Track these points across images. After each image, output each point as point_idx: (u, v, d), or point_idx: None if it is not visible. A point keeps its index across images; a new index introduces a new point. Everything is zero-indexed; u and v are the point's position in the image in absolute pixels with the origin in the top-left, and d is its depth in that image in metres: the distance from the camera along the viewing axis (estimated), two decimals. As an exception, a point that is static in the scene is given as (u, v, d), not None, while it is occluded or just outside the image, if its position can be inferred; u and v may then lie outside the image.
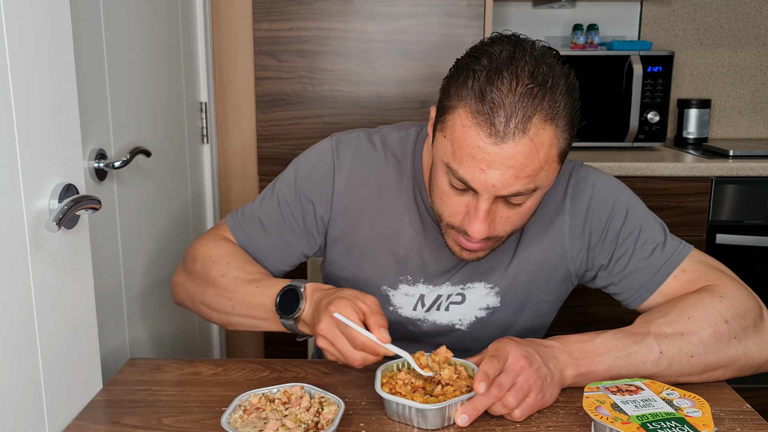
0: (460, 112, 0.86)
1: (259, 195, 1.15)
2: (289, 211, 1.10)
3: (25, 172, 0.79)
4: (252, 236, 1.12)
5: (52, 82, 0.85)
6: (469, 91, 0.85)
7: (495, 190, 0.87)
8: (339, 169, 1.08)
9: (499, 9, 2.58)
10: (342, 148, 1.09)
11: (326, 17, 2.00)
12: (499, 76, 0.84)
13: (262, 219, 1.12)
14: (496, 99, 0.83)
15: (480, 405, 0.83)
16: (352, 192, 1.08)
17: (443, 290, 1.09)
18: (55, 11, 0.86)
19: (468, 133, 0.85)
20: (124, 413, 0.89)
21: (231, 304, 1.04)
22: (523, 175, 0.86)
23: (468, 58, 0.89)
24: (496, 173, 0.85)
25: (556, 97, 0.85)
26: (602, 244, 1.05)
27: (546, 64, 0.86)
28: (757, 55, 2.66)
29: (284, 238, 1.11)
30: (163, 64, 1.52)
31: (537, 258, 1.07)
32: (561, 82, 0.86)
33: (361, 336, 0.86)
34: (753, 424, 0.86)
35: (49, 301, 0.84)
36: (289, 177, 1.11)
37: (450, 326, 1.11)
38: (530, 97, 0.83)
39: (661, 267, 1.02)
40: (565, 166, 1.07)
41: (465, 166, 0.87)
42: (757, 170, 2.10)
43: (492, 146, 0.84)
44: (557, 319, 1.19)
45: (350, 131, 1.12)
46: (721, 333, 0.94)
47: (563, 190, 1.06)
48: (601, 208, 1.05)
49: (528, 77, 0.84)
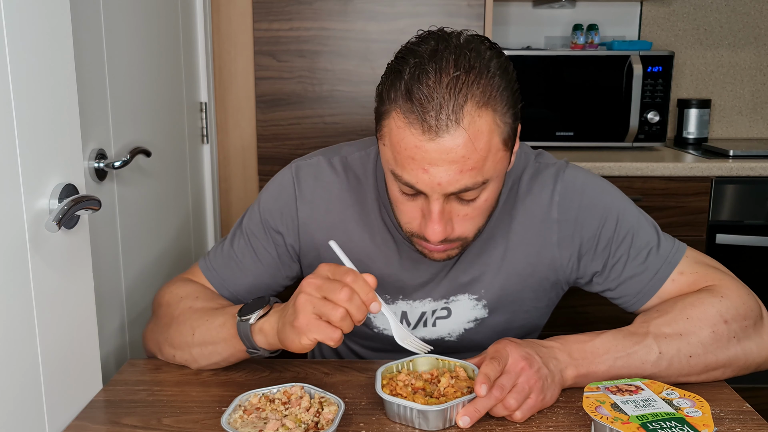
0: (392, 115, 0.85)
1: (227, 236, 1.12)
2: (260, 245, 1.08)
3: (25, 172, 0.79)
4: (227, 276, 1.09)
5: (52, 82, 0.85)
6: (397, 93, 0.84)
7: (442, 188, 0.84)
8: (300, 197, 1.06)
9: (499, 9, 2.58)
10: (302, 176, 1.06)
11: (326, 17, 2.00)
12: (424, 71, 0.82)
13: (235, 258, 1.09)
14: (423, 94, 0.81)
15: (482, 407, 0.83)
16: (317, 220, 1.06)
17: (426, 306, 1.07)
18: (55, 11, 0.86)
19: (403, 135, 0.84)
20: (124, 413, 0.89)
21: (192, 332, 0.98)
22: (467, 168, 0.83)
23: (395, 60, 0.87)
24: (439, 170, 0.83)
25: (488, 81, 0.83)
26: (594, 251, 1.03)
27: (472, 50, 0.83)
28: (757, 55, 2.66)
29: (260, 275, 1.08)
30: (163, 64, 1.52)
31: (525, 269, 1.04)
32: (491, 66, 0.84)
33: (348, 278, 0.80)
34: (753, 424, 0.86)
35: (49, 301, 0.84)
36: (254, 213, 1.09)
37: (440, 339, 1.09)
38: (458, 85, 0.81)
39: (658, 271, 1.01)
40: (548, 170, 1.04)
41: (407, 169, 0.85)
42: (757, 170, 2.10)
43: (428, 143, 0.82)
44: (556, 320, 1.19)
45: (310, 156, 1.09)
46: (721, 333, 0.94)
47: (549, 197, 1.03)
48: (591, 216, 1.02)
49: (452, 66, 0.82)
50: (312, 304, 0.80)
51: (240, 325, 0.91)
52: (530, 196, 1.03)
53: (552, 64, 2.29)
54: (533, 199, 1.03)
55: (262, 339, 0.91)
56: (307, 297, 0.81)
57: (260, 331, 0.90)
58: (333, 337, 0.80)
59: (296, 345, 0.83)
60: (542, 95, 2.32)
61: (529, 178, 1.04)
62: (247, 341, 0.92)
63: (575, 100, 2.32)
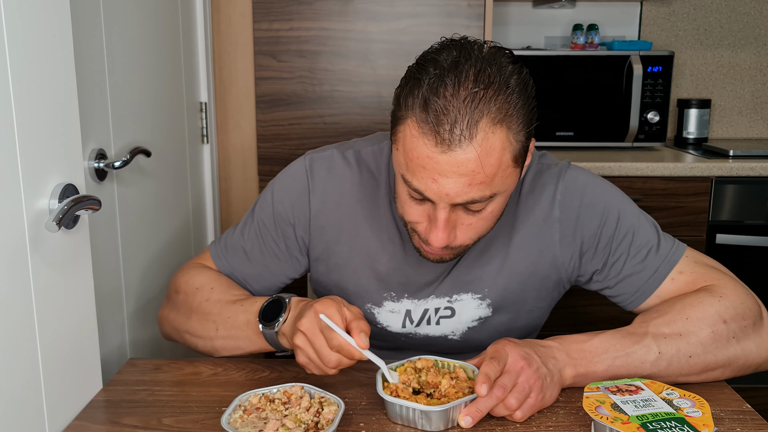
0: (408, 122, 0.85)
1: (240, 222, 1.13)
2: (270, 237, 1.09)
3: (25, 172, 0.79)
4: (236, 266, 1.11)
5: (52, 82, 0.85)
6: (414, 101, 0.84)
7: (449, 198, 0.85)
8: (313, 190, 1.06)
9: (499, 9, 2.58)
10: (315, 168, 1.07)
11: (326, 17, 2.00)
12: (442, 83, 0.82)
13: (245, 248, 1.10)
14: (439, 107, 0.81)
15: (483, 407, 0.83)
16: (328, 212, 1.06)
17: (429, 303, 1.08)
18: (55, 11, 0.86)
19: (416, 144, 0.84)
20: (124, 413, 0.89)
21: (215, 327, 1.02)
22: (476, 182, 0.84)
23: (416, 66, 0.87)
24: (449, 182, 0.84)
25: (506, 98, 0.83)
26: (595, 250, 1.03)
27: (494, 65, 0.84)
28: (757, 55, 2.66)
29: (268, 265, 1.10)
30: (163, 64, 1.52)
31: (528, 267, 1.05)
32: (511, 82, 0.84)
33: (339, 337, 0.85)
34: (753, 424, 0.86)
35: (49, 301, 0.84)
36: (266, 202, 1.10)
37: (443, 337, 1.10)
38: (475, 101, 0.81)
39: (657, 270, 1.01)
40: (551, 171, 1.05)
41: (418, 176, 0.86)
42: (757, 170, 2.10)
43: (440, 155, 0.82)
44: (556, 319, 1.19)
45: (324, 149, 1.10)
46: (720, 333, 0.94)
47: (551, 197, 1.03)
48: (591, 214, 1.03)
49: (472, 81, 0.82)
50: (306, 357, 0.89)
51: (266, 333, 0.96)
52: (533, 196, 1.04)
53: (552, 64, 2.29)
54: (535, 198, 1.04)
55: (285, 341, 0.95)
56: (301, 348, 0.89)
57: (282, 334, 0.95)
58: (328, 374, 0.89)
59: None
60: (542, 95, 2.31)
61: (531, 178, 1.05)
62: (275, 345, 0.97)
63: (575, 100, 2.32)
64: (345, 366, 0.87)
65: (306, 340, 0.88)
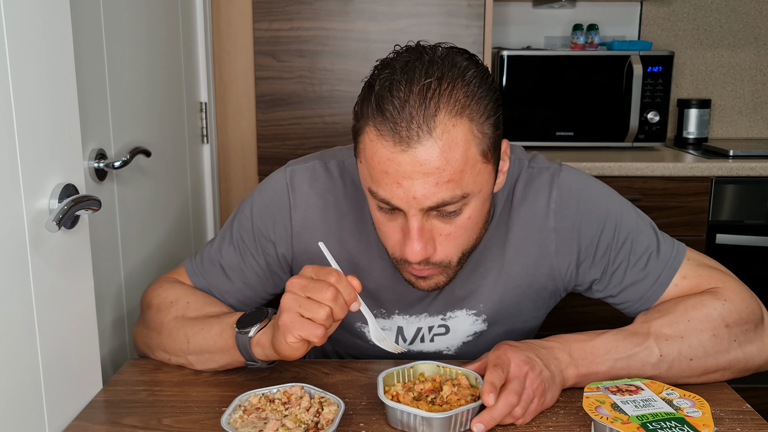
0: (366, 130, 0.83)
1: (217, 236, 1.08)
2: (249, 253, 1.04)
3: (25, 172, 0.79)
4: (213, 282, 1.06)
5: (52, 82, 0.85)
6: (369, 107, 0.82)
7: (418, 202, 0.81)
8: (295, 205, 1.01)
9: (499, 9, 2.58)
10: (297, 182, 1.02)
11: (326, 17, 2.00)
12: (394, 82, 0.80)
13: (222, 264, 1.05)
14: (394, 105, 0.79)
15: (498, 414, 0.81)
16: (312, 229, 1.02)
17: (423, 322, 1.05)
18: (55, 11, 0.86)
19: (376, 148, 0.81)
20: (124, 413, 0.89)
21: (186, 340, 0.97)
22: (443, 180, 0.80)
23: (371, 75, 0.85)
24: (414, 184, 0.80)
25: (463, 89, 0.80)
26: (593, 259, 1.00)
27: (446, 60, 0.81)
28: (757, 55, 2.66)
29: (248, 282, 1.05)
30: (163, 64, 1.52)
31: (524, 279, 1.02)
32: (467, 75, 0.81)
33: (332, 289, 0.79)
34: (753, 424, 0.86)
35: (49, 301, 0.84)
36: (245, 217, 1.04)
37: (437, 353, 1.08)
38: (429, 92, 0.78)
39: (659, 276, 0.99)
40: (542, 176, 1.00)
41: (382, 184, 0.82)
42: (757, 170, 2.10)
43: (401, 155, 0.79)
44: (557, 319, 1.19)
45: (305, 159, 1.05)
46: (722, 337, 0.93)
47: (545, 205, 0.99)
48: (589, 223, 0.99)
49: (423, 76, 0.79)
50: (297, 302, 0.80)
51: (239, 338, 0.90)
52: (525, 205, 1.00)
53: (552, 64, 2.29)
54: (528, 207, 1.00)
55: (259, 351, 0.90)
56: (292, 296, 0.81)
57: (258, 343, 0.90)
58: (317, 334, 0.79)
59: (284, 346, 0.83)
60: (542, 95, 2.32)
61: (523, 186, 1.01)
62: (246, 354, 0.91)
63: (575, 100, 2.32)
64: (336, 319, 0.81)
65: (299, 285, 0.81)
